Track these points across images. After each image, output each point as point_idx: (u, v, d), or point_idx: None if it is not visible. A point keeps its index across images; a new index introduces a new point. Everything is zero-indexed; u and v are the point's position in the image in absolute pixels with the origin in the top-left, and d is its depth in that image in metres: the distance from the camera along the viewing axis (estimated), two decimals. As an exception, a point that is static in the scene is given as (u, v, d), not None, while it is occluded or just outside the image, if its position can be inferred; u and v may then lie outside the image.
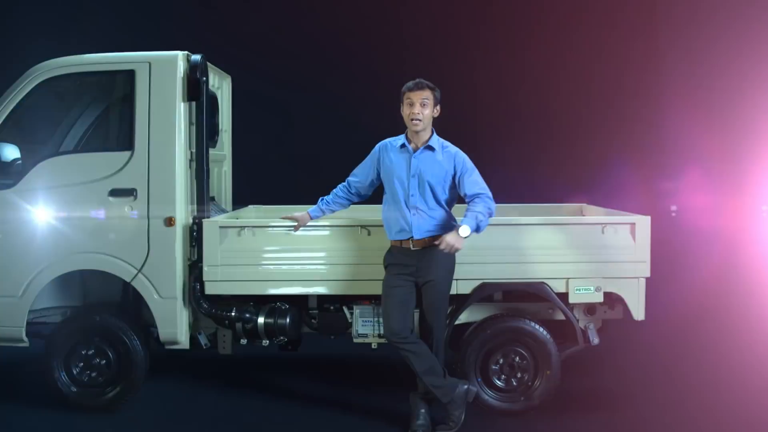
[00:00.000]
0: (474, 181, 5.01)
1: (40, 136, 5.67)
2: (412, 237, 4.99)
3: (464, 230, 4.80)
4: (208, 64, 5.98)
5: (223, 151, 6.70)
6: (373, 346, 5.53)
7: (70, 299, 5.91)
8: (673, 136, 8.96)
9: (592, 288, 5.31)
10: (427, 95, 4.94)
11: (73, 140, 5.67)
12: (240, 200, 7.07)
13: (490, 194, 4.98)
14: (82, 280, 5.86)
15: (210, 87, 6.07)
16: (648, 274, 5.33)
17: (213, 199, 6.30)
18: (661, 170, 8.97)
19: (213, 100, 6.20)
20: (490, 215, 4.92)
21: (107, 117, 5.69)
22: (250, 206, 7.00)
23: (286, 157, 9.05)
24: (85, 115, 5.69)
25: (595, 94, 8.96)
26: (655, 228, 5.40)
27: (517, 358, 5.43)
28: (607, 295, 5.35)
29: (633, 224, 5.33)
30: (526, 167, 8.94)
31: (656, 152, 8.99)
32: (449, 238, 4.80)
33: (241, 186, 7.12)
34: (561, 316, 5.46)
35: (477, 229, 4.87)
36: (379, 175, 5.19)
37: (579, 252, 5.32)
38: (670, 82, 8.94)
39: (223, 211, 6.38)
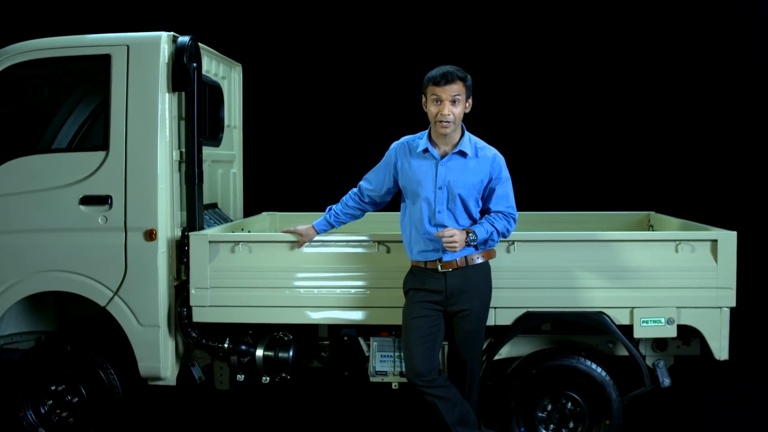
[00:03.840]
0: (503, 196, 4.37)
1: (1, 133, 5.17)
2: (441, 258, 4.28)
3: (472, 238, 4.20)
4: (210, 49, 5.50)
5: (231, 150, 6.19)
6: (393, 386, 4.96)
7: (43, 323, 5.41)
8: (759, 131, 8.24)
9: (662, 320, 4.67)
10: (458, 89, 4.17)
11: (38, 138, 5.15)
12: (252, 207, 6.63)
13: (515, 214, 4.40)
14: (57, 301, 5.36)
15: (212, 76, 5.61)
16: (733, 304, 4.68)
17: (215, 206, 5.77)
18: (748, 172, 8.23)
19: (215, 90, 5.69)
20: (504, 237, 4.39)
21: (79, 111, 5.16)
22: (264, 213, 6.53)
23: (307, 157, 8.64)
24: (53, 109, 5.21)
25: (666, 82, 8.34)
26: (742, 246, 4.73)
27: (570, 403, 4.82)
28: (681, 327, 4.72)
29: (714, 241, 4.68)
30: (580, 167, 8.42)
31: (742, 150, 8.24)
32: (457, 235, 4.12)
33: (254, 190, 6.73)
34: (624, 352, 4.89)
35: (483, 245, 4.29)
36: (396, 182, 4.49)
37: (646, 275, 4.70)
38: (752, 74, 8.26)
39: (226, 220, 5.77)
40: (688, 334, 4.82)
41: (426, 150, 4.28)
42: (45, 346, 5.08)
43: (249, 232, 5.67)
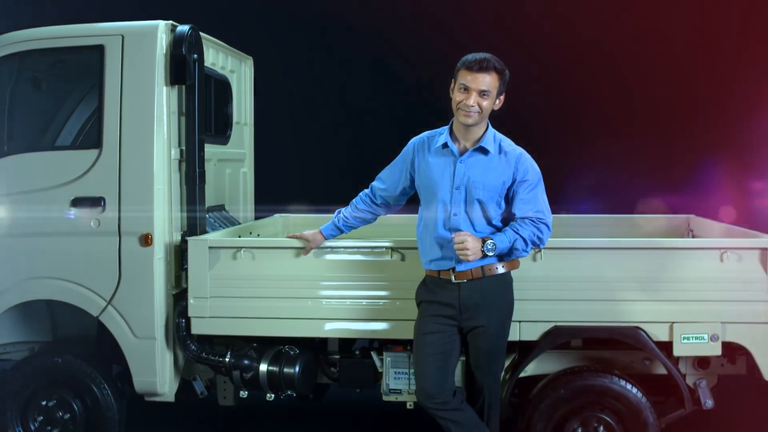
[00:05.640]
0: (529, 200, 4.00)
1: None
2: (454, 268, 3.99)
3: (489, 246, 3.88)
4: (216, 41, 5.31)
5: (241, 148, 6.00)
6: (408, 406, 4.72)
7: (38, 333, 5.23)
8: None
9: (705, 336, 4.44)
10: (491, 82, 3.88)
11: (27, 136, 4.98)
12: (264, 208, 6.47)
13: (548, 220, 4.05)
14: (50, 310, 5.18)
15: (219, 69, 5.44)
16: (784, 319, 4.47)
17: (222, 207, 5.57)
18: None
19: (222, 85, 5.52)
20: (536, 245, 4.05)
21: (70, 106, 4.98)
22: (276, 215, 6.32)
23: (323, 155, 8.44)
24: (42, 104, 5.05)
25: (706, 74, 8.02)
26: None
27: (602, 427, 4.57)
28: (725, 344, 4.48)
29: (764, 249, 4.43)
30: (612, 165, 8.10)
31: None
32: (469, 241, 3.82)
33: (265, 191, 6.52)
34: (662, 371, 4.63)
35: (507, 255, 3.98)
36: (412, 182, 4.21)
37: (687, 286, 4.48)
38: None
39: (233, 223, 5.55)
40: (733, 351, 4.57)
41: (445, 145, 4.00)
42: (34, 358, 4.91)
43: (258, 235, 5.48)
